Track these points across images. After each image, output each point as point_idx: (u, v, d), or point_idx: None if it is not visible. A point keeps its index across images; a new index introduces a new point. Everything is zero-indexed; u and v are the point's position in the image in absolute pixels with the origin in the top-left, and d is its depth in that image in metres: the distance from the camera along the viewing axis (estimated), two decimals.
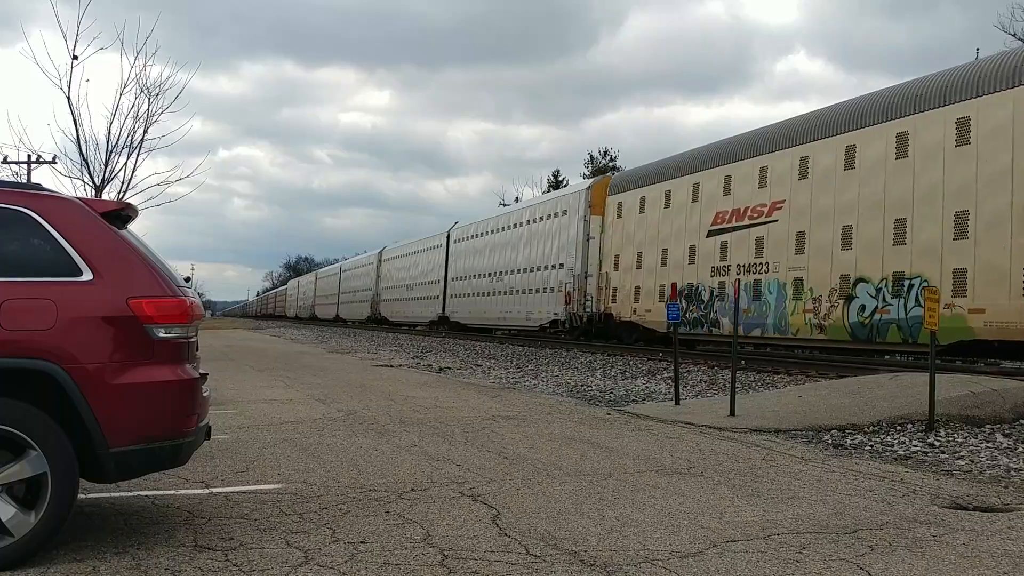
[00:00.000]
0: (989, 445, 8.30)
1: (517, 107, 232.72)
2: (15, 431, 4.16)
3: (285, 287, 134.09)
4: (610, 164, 68.81)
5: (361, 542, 4.65)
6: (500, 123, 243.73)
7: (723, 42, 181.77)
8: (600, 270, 29.14)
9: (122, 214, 5.03)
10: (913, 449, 8.19)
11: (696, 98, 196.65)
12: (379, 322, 61.78)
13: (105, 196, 21.87)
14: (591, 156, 75.15)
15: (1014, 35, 36.60)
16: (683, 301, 23.23)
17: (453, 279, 45.45)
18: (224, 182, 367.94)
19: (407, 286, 54.91)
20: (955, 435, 8.79)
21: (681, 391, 12.41)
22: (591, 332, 29.61)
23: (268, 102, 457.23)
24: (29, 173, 34.41)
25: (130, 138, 22.95)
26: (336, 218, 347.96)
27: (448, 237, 47.71)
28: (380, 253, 63.81)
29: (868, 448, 8.33)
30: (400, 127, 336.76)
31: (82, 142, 22.43)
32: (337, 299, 78.77)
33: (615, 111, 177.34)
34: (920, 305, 15.81)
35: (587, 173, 68.86)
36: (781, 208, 20.67)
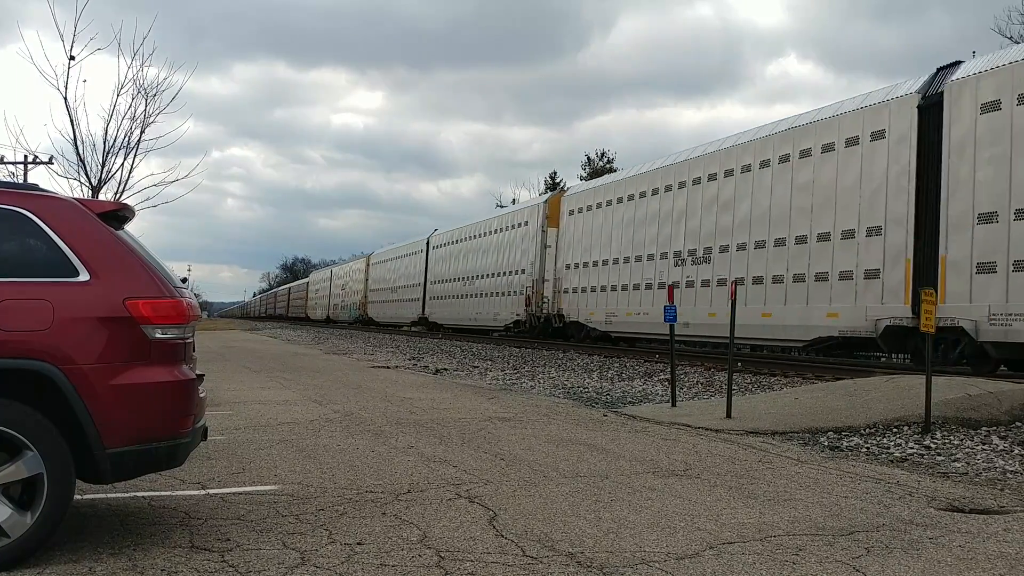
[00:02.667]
0: (985, 447, 8.31)
1: (508, 109, 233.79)
2: (11, 431, 4.16)
3: (305, 280, 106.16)
4: (607, 166, 68.81)
5: (358, 543, 4.65)
6: (492, 124, 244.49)
7: (713, 45, 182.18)
8: None
9: (119, 215, 5.03)
10: (909, 451, 8.20)
11: (687, 100, 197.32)
12: (557, 335, 31.78)
13: (102, 197, 21.88)
14: (588, 158, 75.22)
15: (1010, 38, 36.62)
16: None
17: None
18: (217, 183, 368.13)
19: (686, 255, 23.37)
20: (951, 437, 8.80)
21: (678, 393, 12.41)
22: None
23: (260, 103, 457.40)
24: (26, 173, 34.43)
25: (127, 139, 23.00)
26: (331, 219, 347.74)
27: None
28: (552, 202, 32.83)
29: (864, 450, 8.33)
30: (392, 128, 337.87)
31: (79, 143, 22.52)
32: (423, 292, 48.99)
33: (606, 113, 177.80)
34: None
35: (584, 176, 68.82)
36: None
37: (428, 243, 49.60)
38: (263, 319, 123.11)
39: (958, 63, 16.54)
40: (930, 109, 16.47)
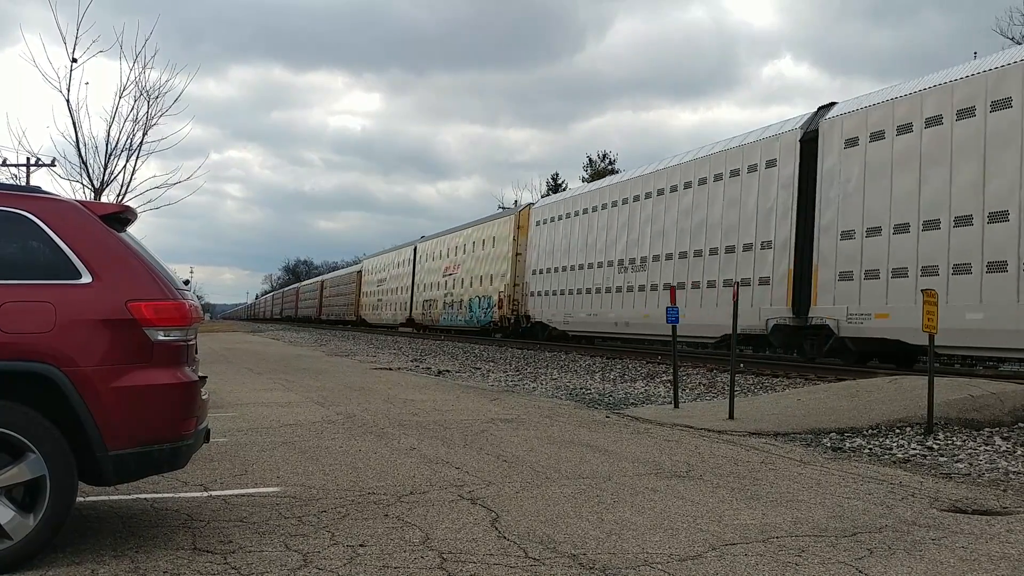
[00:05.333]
0: (988, 448, 8.30)
1: (505, 111, 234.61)
2: (14, 434, 4.16)
3: (352, 270, 78.91)
4: (608, 167, 68.81)
5: (360, 545, 4.65)
6: (488, 127, 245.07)
7: (708, 47, 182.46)
8: None
9: (121, 217, 5.03)
10: (912, 452, 8.19)
11: (683, 102, 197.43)
12: None
13: (104, 199, 21.91)
14: (590, 159, 75.24)
15: (1012, 39, 36.54)
16: None
17: None
18: (217, 185, 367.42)
19: None
20: (954, 438, 8.79)
21: (680, 394, 12.41)
22: None
23: (257, 105, 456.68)
24: (28, 176, 34.44)
25: (129, 141, 23.04)
26: (330, 221, 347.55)
27: None
28: None
29: (867, 451, 8.33)
30: (390, 130, 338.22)
31: (81, 145, 22.51)
32: (790, 257, 19.68)
33: (602, 115, 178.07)
34: None
35: (586, 176, 68.81)
36: None
37: (820, 134, 19.46)
38: (277, 322, 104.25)
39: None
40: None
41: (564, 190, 49.90)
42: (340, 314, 75.77)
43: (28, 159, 33.52)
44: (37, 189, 5.20)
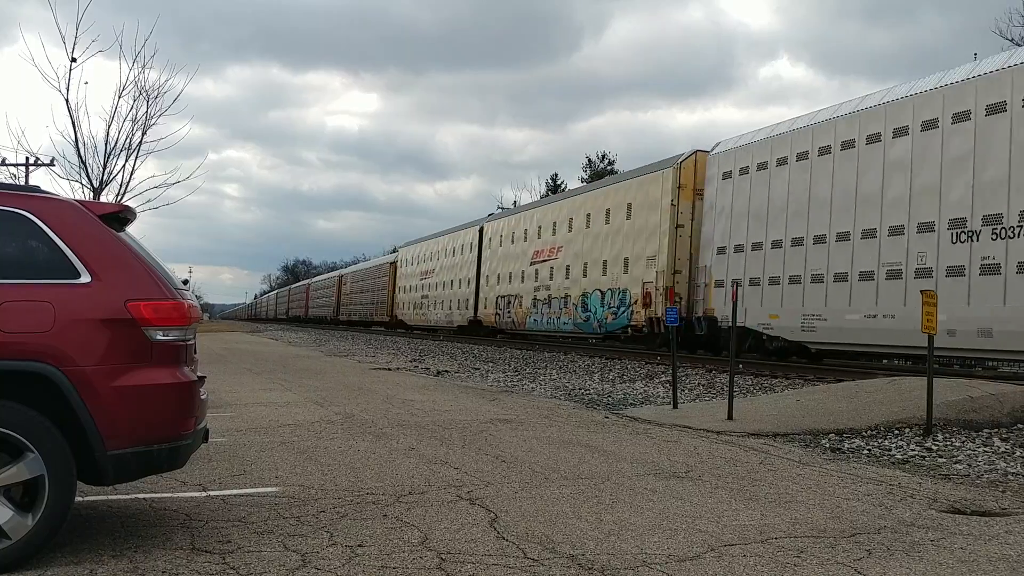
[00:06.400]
0: (987, 449, 8.31)
1: (502, 111, 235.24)
2: (13, 433, 4.16)
3: (385, 261, 63.50)
4: (608, 168, 68.75)
5: (359, 545, 4.65)
6: (486, 127, 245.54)
7: (706, 47, 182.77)
8: None
9: (120, 216, 5.03)
10: (911, 453, 8.19)
11: (681, 102, 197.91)
12: None
13: (103, 198, 21.92)
14: (589, 160, 75.26)
15: (1011, 40, 36.53)
16: None
17: None
18: (215, 184, 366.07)
19: None
20: (953, 439, 8.80)
21: (679, 395, 12.41)
22: None
23: (255, 105, 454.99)
24: (27, 175, 34.45)
25: (128, 141, 23.08)
26: (328, 221, 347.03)
27: None
28: None
29: (866, 452, 8.33)
30: (388, 130, 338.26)
31: (80, 144, 22.60)
32: None
33: (600, 115, 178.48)
34: None
35: (585, 177, 68.76)
36: None
37: None
38: (280, 323, 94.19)
39: None
40: None
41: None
42: (366, 314, 62.41)
43: (27, 158, 33.58)
44: (36, 188, 5.20)
